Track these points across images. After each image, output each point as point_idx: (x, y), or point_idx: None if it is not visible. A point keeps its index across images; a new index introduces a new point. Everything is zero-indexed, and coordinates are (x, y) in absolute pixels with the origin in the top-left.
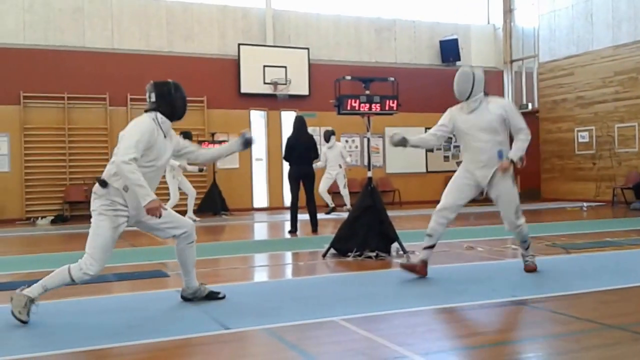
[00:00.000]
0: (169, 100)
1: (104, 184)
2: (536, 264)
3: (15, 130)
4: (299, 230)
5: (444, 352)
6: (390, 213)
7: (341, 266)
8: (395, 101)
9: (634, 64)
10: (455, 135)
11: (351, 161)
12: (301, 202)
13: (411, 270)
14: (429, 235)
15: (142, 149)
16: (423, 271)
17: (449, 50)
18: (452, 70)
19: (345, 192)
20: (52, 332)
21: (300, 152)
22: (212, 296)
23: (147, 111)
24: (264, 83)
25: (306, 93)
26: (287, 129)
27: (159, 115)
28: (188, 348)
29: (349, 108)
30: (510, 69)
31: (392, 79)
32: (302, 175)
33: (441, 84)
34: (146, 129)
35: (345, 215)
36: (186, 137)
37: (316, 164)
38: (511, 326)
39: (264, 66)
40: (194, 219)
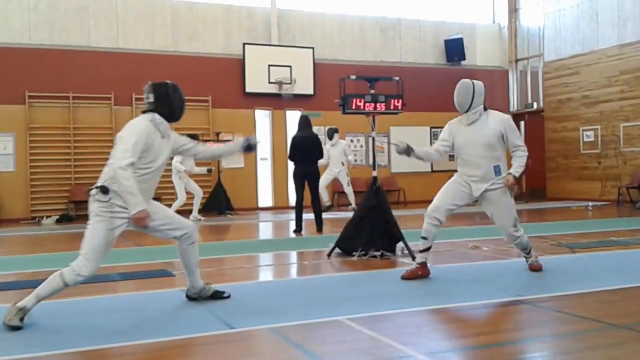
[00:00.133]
0: (167, 101)
1: (105, 190)
2: (539, 262)
3: (20, 129)
4: (304, 230)
5: (449, 352)
6: (395, 212)
7: (346, 265)
8: (400, 100)
9: (639, 63)
10: (454, 147)
11: (353, 159)
12: (306, 202)
13: (414, 278)
14: (423, 238)
15: (139, 151)
16: (425, 272)
17: (454, 49)
18: (457, 70)
19: (349, 190)
20: (55, 331)
21: (305, 151)
22: (217, 295)
23: (145, 112)
24: (269, 82)
25: (311, 92)
26: (292, 128)
27: (157, 116)
28: (193, 347)
29: (353, 107)
30: (516, 68)
31: (397, 78)
32: (307, 175)
33: (446, 83)
34: (144, 130)
35: (350, 214)
36: (191, 138)
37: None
38: (516, 325)
39: (269, 65)
40: (198, 218)
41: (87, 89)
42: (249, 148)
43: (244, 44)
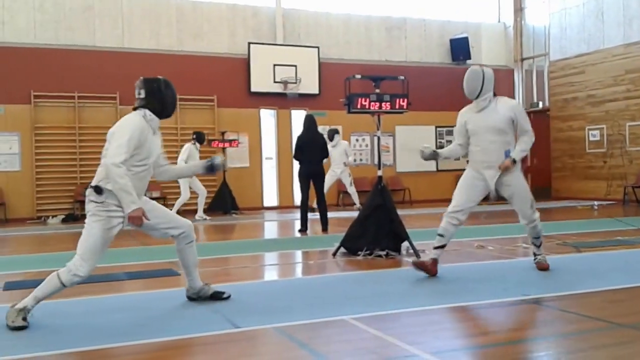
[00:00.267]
0: (159, 97)
1: (99, 190)
2: (548, 262)
3: (26, 129)
4: (309, 229)
5: (455, 351)
6: (400, 212)
7: (351, 265)
8: (405, 100)
9: None
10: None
11: (353, 160)
12: (311, 201)
13: (422, 268)
14: (440, 235)
15: (133, 147)
16: (434, 270)
17: (460, 48)
18: (463, 69)
19: (353, 190)
20: (59, 331)
21: (310, 151)
22: (216, 296)
23: (136, 108)
24: (274, 82)
25: (316, 92)
26: (297, 127)
27: (148, 112)
28: (198, 347)
29: (359, 107)
30: (521, 68)
31: (402, 77)
32: (312, 174)
33: (451, 82)
34: (137, 126)
35: (355, 213)
36: (199, 137)
37: None
38: (521, 325)
39: (274, 65)
40: (204, 217)
41: (92, 89)
42: (211, 168)
43: (249, 43)
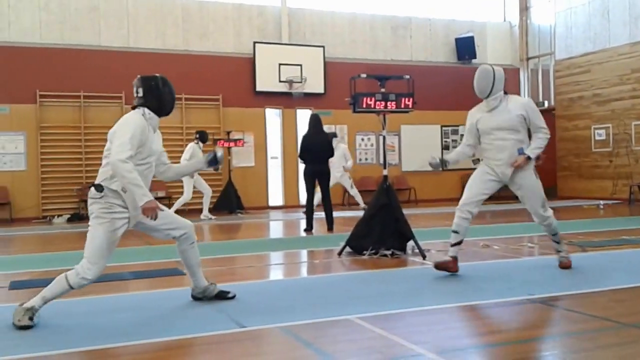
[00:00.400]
0: (157, 94)
1: (99, 188)
2: (570, 260)
3: (31, 129)
4: (315, 229)
5: (460, 350)
6: (405, 211)
7: (357, 264)
8: (410, 99)
9: None
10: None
11: (351, 165)
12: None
13: (444, 268)
14: (455, 232)
15: (136, 145)
16: (455, 267)
17: (465, 47)
18: (468, 68)
19: (354, 191)
20: (65, 330)
21: (315, 150)
22: (221, 295)
23: (135, 107)
24: (280, 81)
25: (322, 91)
26: (303, 127)
27: (147, 111)
28: (203, 346)
29: (364, 106)
30: (527, 67)
31: (407, 76)
32: (317, 174)
33: (457, 81)
34: (138, 125)
35: (362, 213)
36: (202, 137)
37: None
38: (527, 324)
39: (280, 64)
40: (209, 217)
41: (98, 88)
42: (214, 161)
43: (254, 42)
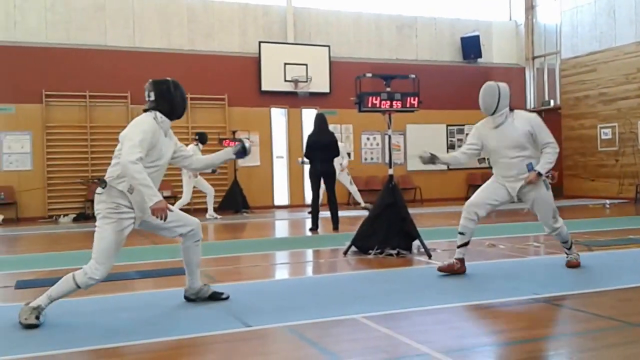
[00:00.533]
0: (168, 98)
1: (103, 184)
2: (579, 260)
3: (37, 128)
4: (320, 228)
5: (465, 350)
6: (411, 210)
7: (362, 264)
8: (416, 98)
9: None
10: (484, 151)
11: (346, 164)
12: (322, 200)
13: (450, 272)
14: (461, 233)
15: (146, 148)
16: (462, 268)
17: (470, 47)
18: (474, 67)
19: (354, 188)
20: (71, 329)
21: (321, 150)
22: (215, 297)
23: (146, 110)
24: (285, 81)
25: (327, 90)
26: (308, 126)
27: (159, 114)
28: (209, 345)
29: (369, 105)
30: (532, 66)
31: (413, 76)
32: (322, 173)
33: (462, 81)
34: (149, 128)
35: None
36: (202, 138)
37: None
38: (532, 324)
39: (285, 64)
40: (214, 216)
41: (103, 88)
42: (243, 152)
43: (259, 42)
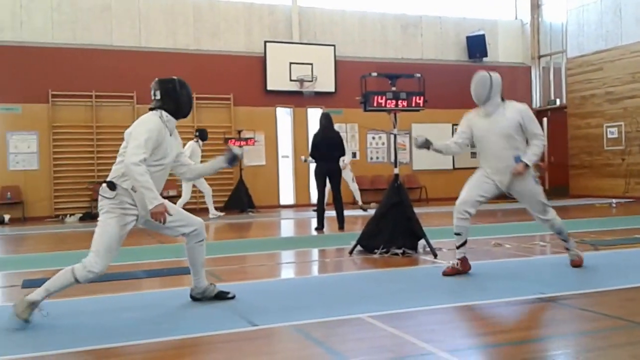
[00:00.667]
0: (174, 97)
1: (112, 186)
2: (582, 258)
3: (44, 128)
4: (326, 227)
5: (471, 349)
6: (417, 210)
7: (368, 263)
8: (421, 97)
9: None
10: (473, 140)
11: (349, 160)
12: (328, 199)
13: (455, 274)
14: (457, 234)
15: (151, 147)
16: (466, 267)
17: (476, 46)
18: (479, 67)
19: (355, 187)
20: (76, 329)
21: (326, 149)
22: (221, 296)
23: (152, 109)
24: (290, 80)
25: (332, 90)
26: (313, 126)
27: (164, 113)
28: (215, 345)
29: (375, 105)
30: (538, 65)
31: (418, 75)
32: (328, 172)
33: (468, 80)
34: (154, 127)
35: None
36: (202, 135)
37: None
38: (539, 323)
39: (290, 63)
40: (217, 214)
41: (109, 88)
42: (234, 160)
43: (265, 41)
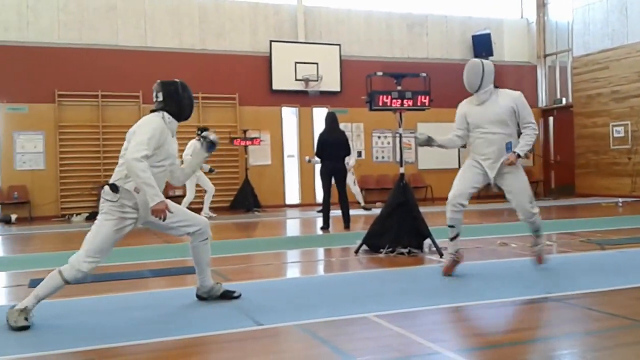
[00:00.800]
0: (176, 99)
1: (115, 188)
2: (544, 255)
3: (50, 128)
4: (331, 227)
5: (478, 349)
6: (422, 209)
7: (373, 262)
8: (427, 97)
9: None
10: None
11: (353, 163)
12: (333, 199)
13: (453, 267)
14: (451, 226)
15: (153, 146)
16: (461, 259)
17: (482, 45)
18: None
19: (356, 189)
20: (81, 328)
21: (332, 148)
22: (227, 295)
23: (154, 111)
24: (296, 80)
25: (338, 89)
26: (319, 125)
27: (166, 115)
28: (221, 344)
29: (380, 104)
30: (544, 64)
31: (424, 74)
32: (334, 172)
33: None
34: (157, 127)
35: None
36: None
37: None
38: (545, 323)
39: (296, 63)
40: (210, 215)
41: (115, 88)
42: (212, 146)
43: (270, 41)
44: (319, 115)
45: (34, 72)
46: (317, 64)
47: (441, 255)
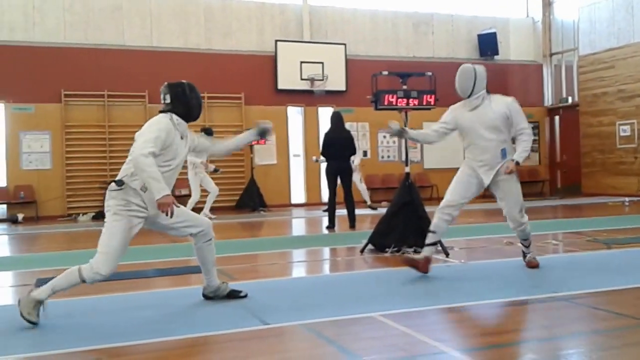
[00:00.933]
0: (184, 101)
1: (120, 183)
2: (537, 260)
3: (56, 128)
4: (337, 226)
5: (484, 349)
6: (428, 208)
7: (379, 262)
8: (432, 96)
9: None
10: (459, 133)
11: (358, 162)
12: (339, 198)
13: (413, 266)
14: (432, 232)
15: (160, 145)
16: (425, 268)
17: (488, 44)
18: (491, 65)
19: (363, 187)
20: (87, 327)
21: (337, 147)
22: (233, 295)
23: (162, 112)
24: (301, 79)
25: (343, 89)
26: (324, 124)
27: (175, 117)
28: (227, 343)
29: (386, 103)
30: (550, 63)
31: (429, 73)
32: (339, 171)
33: None
34: (164, 127)
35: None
36: (207, 133)
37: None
38: (552, 322)
39: (301, 62)
40: (210, 216)
41: (121, 87)
42: (264, 133)
43: (276, 40)
44: (325, 115)
45: (40, 72)
46: (322, 63)
47: (447, 254)
